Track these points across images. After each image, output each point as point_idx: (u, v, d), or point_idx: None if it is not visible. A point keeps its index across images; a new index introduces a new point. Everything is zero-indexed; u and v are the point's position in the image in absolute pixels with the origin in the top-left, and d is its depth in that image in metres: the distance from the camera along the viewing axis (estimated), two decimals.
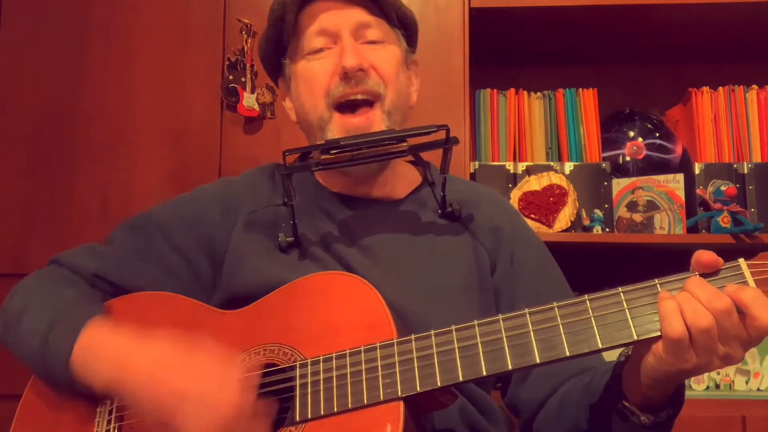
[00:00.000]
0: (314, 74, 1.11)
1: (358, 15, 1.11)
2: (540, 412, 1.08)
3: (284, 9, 1.10)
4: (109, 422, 0.98)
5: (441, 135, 1.05)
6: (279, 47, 1.17)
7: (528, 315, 0.86)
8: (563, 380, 1.06)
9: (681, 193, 1.91)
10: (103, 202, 1.95)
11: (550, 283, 1.15)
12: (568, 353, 0.83)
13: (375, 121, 1.09)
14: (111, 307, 1.09)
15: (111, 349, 0.95)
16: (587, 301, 0.84)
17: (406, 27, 1.19)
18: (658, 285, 0.83)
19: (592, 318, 0.83)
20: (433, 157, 1.17)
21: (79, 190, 1.96)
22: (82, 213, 1.95)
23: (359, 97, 1.09)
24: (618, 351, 0.91)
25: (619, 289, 0.84)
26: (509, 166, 1.97)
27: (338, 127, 1.09)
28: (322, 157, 1.03)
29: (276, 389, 0.92)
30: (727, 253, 0.84)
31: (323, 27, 1.10)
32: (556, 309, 0.85)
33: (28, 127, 2.00)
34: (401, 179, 1.20)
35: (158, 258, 1.12)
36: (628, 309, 0.83)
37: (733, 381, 1.85)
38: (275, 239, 1.10)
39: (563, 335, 0.83)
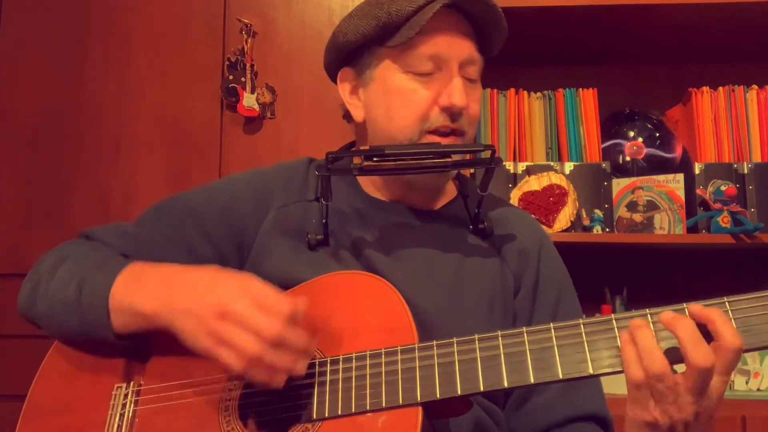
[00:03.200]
0: (415, 96, 1.09)
1: (470, 50, 1.10)
2: None
3: (406, 21, 1.07)
4: (124, 406, 0.97)
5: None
6: (367, 42, 1.13)
7: (553, 330, 0.86)
8: (551, 426, 1.06)
9: (681, 193, 1.91)
10: (104, 201, 1.96)
11: (565, 316, 1.14)
12: (591, 371, 0.83)
13: None
14: None
15: (157, 274, 0.98)
16: (613, 320, 0.85)
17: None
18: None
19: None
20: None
21: (80, 190, 1.97)
22: (82, 213, 1.95)
23: (449, 131, 1.11)
24: None
25: (647, 310, 0.84)
26: (509, 166, 1.97)
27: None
28: (365, 163, 1.03)
29: (294, 385, 0.92)
30: (728, 254, 0.84)
31: (437, 53, 1.08)
32: (581, 326, 0.86)
33: (29, 127, 2.00)
34: (439, 190, 1.20)
35: (187, 243, 1.13)
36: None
37: (733, 381, 1.85)
38: (303, 236, 1.10)
39: (588, 353, 0.84)
